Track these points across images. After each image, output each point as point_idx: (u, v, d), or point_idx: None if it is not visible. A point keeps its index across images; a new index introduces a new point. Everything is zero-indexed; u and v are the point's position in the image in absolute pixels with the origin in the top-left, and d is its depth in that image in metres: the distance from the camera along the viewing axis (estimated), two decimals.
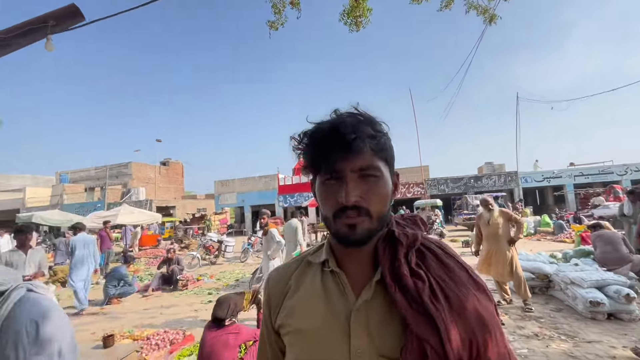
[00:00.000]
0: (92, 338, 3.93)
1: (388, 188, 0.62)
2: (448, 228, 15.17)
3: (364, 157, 0.58)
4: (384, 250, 0.63)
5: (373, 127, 0.61)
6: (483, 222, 4.59)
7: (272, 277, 0.75)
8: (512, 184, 20.10)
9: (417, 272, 0.59)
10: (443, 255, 0.64)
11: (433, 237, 0.71)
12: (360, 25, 3.83)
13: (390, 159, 0.64)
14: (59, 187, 26.10)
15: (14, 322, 1.49)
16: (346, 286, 0.63)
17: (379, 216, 0.59)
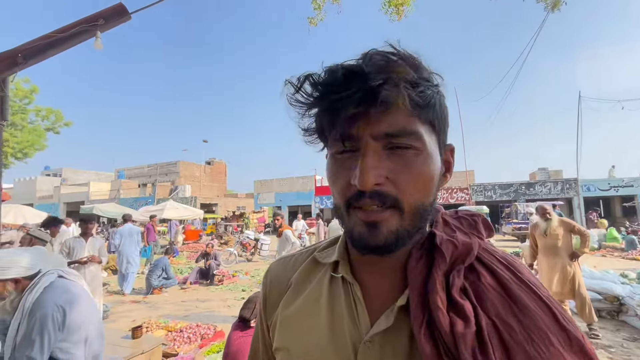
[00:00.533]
0: (131, 325, 4.12)
1: (434, 168, 0.40)
2: (495, 237, 14.06)
3: (395, 115, 0.38)
4: (416, 263, 0.42)
5: (415, 71, 0.39)
6: (539, 232, 4.08)
7: (272, 270, 0.58)
8: (570, 192, 18.17)
9: (459, 305, 0.37)
10: (512, 282, 0.40)
11: (500, 251, 0.46)
12: (402, 14, 3.60)
13: (441, 123, 0.42)
14: (117, 183, 28.58)
15: (42, 306, 1.51)
16: (360, 304, 0.44)
17: (415, 210, 0.39)
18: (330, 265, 0.50)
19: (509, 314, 0.37)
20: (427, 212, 0.41)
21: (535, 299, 0.39)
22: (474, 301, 0.38)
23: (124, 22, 3.08)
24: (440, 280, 0.39)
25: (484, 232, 0.48)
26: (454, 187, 20.38)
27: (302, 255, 0.57)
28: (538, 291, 0.40)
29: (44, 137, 23.54)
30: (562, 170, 22.77)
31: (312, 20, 4.41)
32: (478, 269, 0.41)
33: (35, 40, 2.69)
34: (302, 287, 0.51)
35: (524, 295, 0.38)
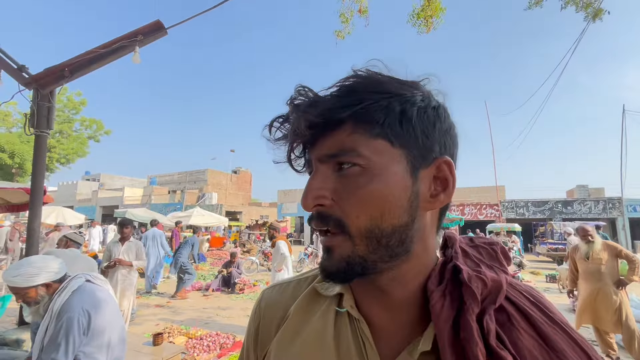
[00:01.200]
0: (155, 329, 4.20)
1: (385, 186, 0.36)
2: (528, 258, 13.24)
3: (337, 135, 0.37)
4: (441, 301, 0.36)
5: (369, 88, 0.37)
6: (580, 256, 3.76)
7: (265, 297, 0.52)
8: (614, 212, 16.85)
9: (499, 357, 0.32)
10: (546, 325, 0.35)
11: (522, 283, 0.41)
12: (431, 26, 3.54)
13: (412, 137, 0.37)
14: (149, 189, 29.95)
15: (69, 309, 1.55)
16: (369, 344, 0.39)
17: (366, 234, 0.35)
18: (334, 298, 0.45)
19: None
20: (389, 236, 0.36)
21: (572, 344, 0.35)
22: (512, 351, 0.33)
23: (161, 37, 3.25)
24: (476, 326, 0.34)
25: (504, 262, 0.43)
26: (484, 202, 19.54)
27: (301, 282, 0.51)
28: (573, 334, 0.36)
29: (86, 145, 25.31)
30: (603, 188, 21.23)
31: (339, 33, 4.45)
32: (507, 309, 0.36)
33: (81, 55, 2.89)
34: (302, 323, 0.45)
35: (560, 339, 0.34)
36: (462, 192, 29.64)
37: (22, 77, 2.76)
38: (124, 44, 3.06)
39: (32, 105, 2.79)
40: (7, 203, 5.81)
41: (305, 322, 0.45)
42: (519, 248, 12.29)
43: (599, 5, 4.31)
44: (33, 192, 2.72)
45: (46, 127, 2.80)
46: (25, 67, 2.79)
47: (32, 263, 1.63)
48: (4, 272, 1.65)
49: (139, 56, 3.19)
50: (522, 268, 10.24)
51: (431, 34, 3.95)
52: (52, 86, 2.89)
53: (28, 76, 2.77)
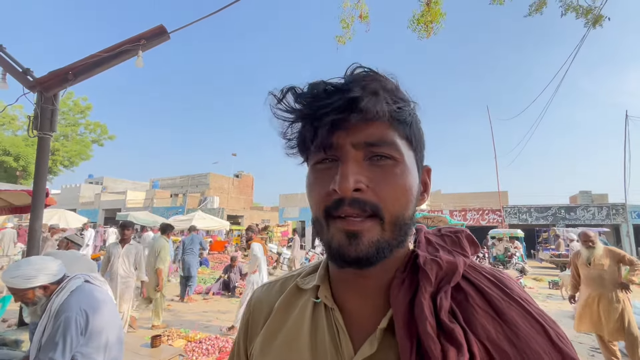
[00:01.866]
0: (152, 332, 4.19)
1: (412, 180, 0.40)
2: (530, 264, 13.14)
3: (375, 126, 0.38)
4: (399, 285, 0.40)
5: (391, 89, 0.40)
6: (582, 261, 3.73)
7: (255, 295, 0.57)
8: (617, 219, 16.72)
9: (449, 330, 0.34)
10: (502, 300, 0.38)
11: (488, 267, 0.44)
12: (432, 31, 3.57)
13: (418, 142, 0.43)
14: (151, 192, 30.06)
15: (67, 309, 1.55)
16: (341, 330, 0.42)
17: (395, 221, 0.38)
18: (312, 290, 0.48)
19: (502, 338, 0.35)
20: (406, 225, 0.40)
21: (527, 317, 0.37)
22: (464, 324, 0.36)
23: (163, 42, 3.30)
24: (427, 304, 0.37)
25: (468, 249, 0.45)
26: (486, 208, 19.45)
27: (287, 280, 0.55)
28: (529, 307, 0.38)
29: (90, 148, 25.50)
30: (607, 194, 21.10)
31: (340, 38, 4.49)
32: (465, 289, 0.39)
33: (84, 59, 2.93)
34: (285, 315, 0.49)
35: (515, 314, 0.37)
36: (464, 198, 29.53)
37: (26, 80, 2.80)
38: (128, 48, 3.10)
39: (36, 108, 2.83)
40: (10, 205, 5.85)
41: (287, 316, 0.48)
42: (522, 254, 12.21)
43: (599, 12, 4.33)
44: (35, 193, 2.75)
45: (49, 130, 2.83)
46: (30, 70, 2.83)
47: (31, 264, 1.64)
48: (3, 272, 1.66)
49: (142, 60, 3.23)
50: (525, 274, 10.17)
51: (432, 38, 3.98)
52: (56, 89, 2.93)
53: (32, 79, 2.82)
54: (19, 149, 22.01)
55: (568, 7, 4.41)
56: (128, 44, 3.09)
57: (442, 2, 3.43)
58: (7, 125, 23.13)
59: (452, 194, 30.84)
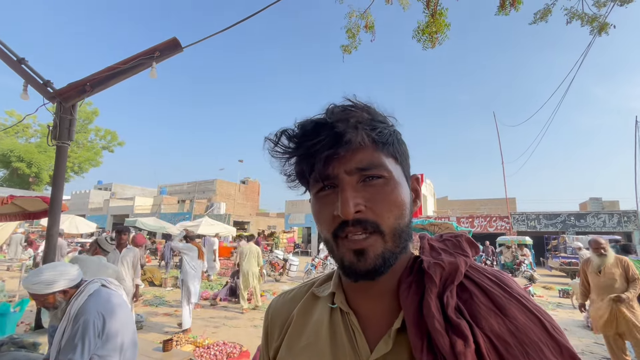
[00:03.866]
0: (162, 337, 4.25)
1: (403, 193, 0.46)
2: (540, 272, 12.93)
3: (362, 153, 0.44)
4: (408, 288, 0.45)
5: (372, 116, 0.46)
6: (592, 269, 3.67)
7: (273, 305, 0.62)
8: (629, 226, 16.40)
9: (456, 325, 0.39)
10: (503, 297, 0.42)
11: (489, 268, 0.48)
12: (437, 41, 3.63)
13: (402, 156, 0.49)
14: (158, 198, 30.41)
15: (84, 313, 1.62)
16: (357, 332, 0.47)
17: (394, 232, 0.44)
18: (328, 297, 0.53)
19: (504, 329, 0.39)
20: (405, 233, 0.46)
21: (525, 311, 0.41)
22: (469, 319, 0.40)
23: (177, 54, 3.41)
24: (434, 303, 0.41)
25: (468, 250, 0.49)
26: (494, 215, 19.25)
27: (301, 289, 0.60)
28: (527, 303, 0.42)
29: (100, 155, 25.99)
30: (618, 201, 20.75)
31: (346, 48, 4.58)
32: (470, 288, 0.43)
33: (101, 71, 3.06)
34: (304, 322, 0.54)
35: (515, 308, 0.41)
36: (471, 204, 29.25)
37: (47, 91, 2.93)
38: (142, 61, 3.22)
39: (55, 118, 2.94)
40: (24, 211, 6.00)
41: (307, 321, 0.54)
42: (530, 262, 12.03)
43: (604, 20, 4.35)
44: (53, 200, 2.85)
45: (67, 139, 2.95)
46: (50, 82, 2.96)
47: (51, 270, 1.71)
48: (25, 278, 1.73)
49: (155, 72, 3.35)
50: (534, 282, 10.01)
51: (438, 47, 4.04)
52: (74, 100, 3.05)
53: (52, 91, 2.94)
54: (32, 155, 22.55)
55: (573, 15, 4.44)
56: (143, 57, 3.21)
57: (446, 13, 3.50)
58: (21, 133, 23.72)
59: (459, 201, 30.58)
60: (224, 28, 3.32)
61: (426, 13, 3.52)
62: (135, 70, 3.30)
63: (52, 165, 3.56)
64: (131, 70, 3.30)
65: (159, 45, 3.32)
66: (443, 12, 3.50)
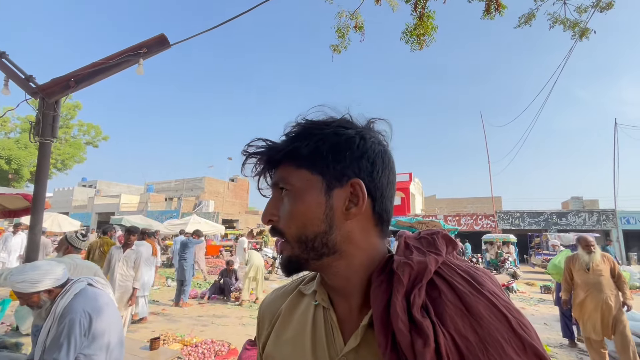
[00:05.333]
0: (150, 336, 4.20)
1: (303, 204, 0.49)
2: (523, 269, 13.29)
3: (281, 169, 0.52)
4: (377, 288, 0.46)
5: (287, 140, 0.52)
6: (579, 266, 3.70)
7: (265, 299, 0.67)
8: (608, 224, 17.03)
9: (418, 323, 0.40)
10: (471, 295, 0.42)
11: (465, 263, 0.49)
12: (424, 44, 3.69)
13: (324, 165, 0.49)
14: (145, 196, 29.84)
15: (70, 312, 1.60)
16: (335, 327, 0.51)
17: (297, 239, 0.49)
18: (312, 294, 0.57)
19: (467, 327, 0.40)
20: (312, 241, 0.48)
21: (492, 308, 0.41)
22: (434, 318, 0.41)
23: (164, 51, 3.37)
24: (400, 302, 0.42)
25: (442, 248, 0.50)
26: (480, 213, 19.66)
27: (291, 285, 0.65)
28: (496, 301, 0.42)
29: (84, 151, 25.29)
30: (597, 200, 21.50)
31: (335, 47, 4.60)
32: (439, 286, 0.44)
33: (86, 67, 2.99)
34: (290, 316, 0.58)
35: (481, 306, 0.41)
36: (458, 203, 29.76)
37: (29, 87, 2.85)
38: (129, 57, 3.17)
39: (38, 114, 2.87)
40: (4, 209, 5.82)
41: (293, 316, 0.58)
42: (514, 259, 12.37)
43: (585, 25, 4.50)
44: (35, 198, 2.79)
45: (51, 135, 2.88)
46: (32, 77, 2.88)
47: (36, 269, 1.68)
48: (10, 276, 1.70)
49: (142, 68, 3.30)
50: (517, 278, 10.30)
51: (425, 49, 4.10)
52: (57, 96, 2.98)
53: (35, 86, 2.87)
54: (11, 152, 21.77)
55: (555, 20, 4.57)
56: (129, 53, 3.15)
57: (434, 16, 3.57)
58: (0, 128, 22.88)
59: (446, 199, 31.08)
60: (212, 26, 3.29)
61: (414, 15, 3.58)
62: (122, 67, 3.24)
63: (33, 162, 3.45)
64: (117, 67, 3.24)
65: (146, 42, 3.27)
66: (431, 15, 3.57)
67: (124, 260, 4.08)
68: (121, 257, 4.07)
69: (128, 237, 4.22)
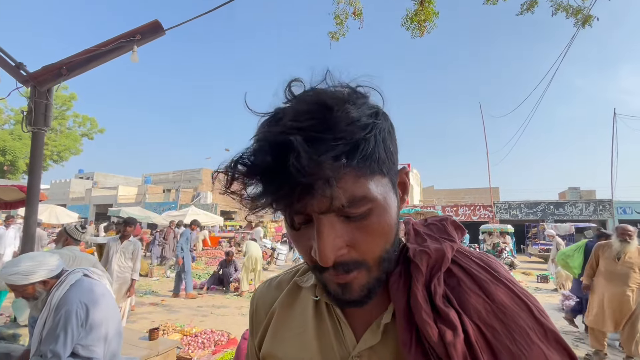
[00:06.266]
0: (149, 327, 4.22)
1: (392, 214, 0.39)
2: (520, 258, 13.43)
3: (340, 191, 0.33)
4: (398, 280, 0.42)
5: (348, 128, 0.33)
6: (609, 255, 3.56)
7: (258, 292, 0.61)
8: (604, 214, 17.16)
9: (444, 314, 0.38)
10: (490, 282, 0.41)
11: (476, 252, 0.47)
12: (425, 30, 3.62)
13: (389, 161, 0.39)
14: (143, 187, 29.75)
15: (67, 303, 1.58)
16: (343, 323, 0.46)
17: (380, 261, 0.40)
18: (311, 288, 0.52)
19: (491, 316, 0.38)
20: (390, 253, 0.41)
21: (512, 296, 0.40)
22: (458, 307, 0.39)
23: (159, 37, 3.28)
24: (421, 293, 0.40)
25: (454, 234, 0.47)
26: (477, 204, 19.75)
27: (286, 276, 0.59)
28: (514, 288, 0.41)
29: (79, 142, 25.06)
30: (594, 191, 21.64)
31: (334, 35, 4.51)
32: (457, 274, 0.42)
33: (79, 53, 2.91)
34: (288, 312, 0.52)
35: (502, 293, 0.40)
36: (456, 194, 29.88)
37: (20, 74, 2.77)
38: (123, 43, 3.08)
39: (30, 103, 2.80)
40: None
41: (291, 312, 0.52)
42: (511, 249, 12.47)
43: (588, 12, 4.42)
44: (30, 189, 2.74)
45: (43, 125, 2.82)
46: (23, 64, 2.80)
47: (29, 260, 1.65)
48: (2, 269, 1.67)
49: (136, 55, 3.22)
50: (514, 268, 10.41)
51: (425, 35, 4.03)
52: (49, 84, 2.91)
53: (26, 74, 2.79)
54: (6, 143, 21.51)
55: (558, 6, 4.49)
56: (123, 39, 3.06)
57: (435, 1, 3.48)
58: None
59: (444, 190, 31.20)
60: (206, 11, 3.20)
61: (415, 1, 3.50)
62: (115, 54, 3.16)
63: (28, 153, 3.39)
64: (111, 54, 3.16)
65: (140, 28, 3.18)
66: (432, 0, 3.48)
67: (122, 252, 4.07)
68: (118, 248, 4.06)
69: (125, 228, 4.21)
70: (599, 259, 3.68)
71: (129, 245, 4.15)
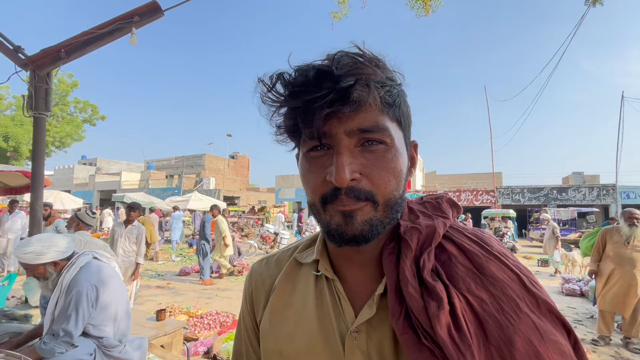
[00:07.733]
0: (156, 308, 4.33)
1: (402, 162, 0.42)
2: (521, 243, 13.51)
3: (367, 112, 0.39)
4: (390, 254, 0.43)
5: (381, 71, 0.41)
6: (618, 239, 3.54)
7: (255, 270, 0.60)
8: (607, 199, 17.09)
9: (430, 287, 0.38)
10: (481, 256, 0.41)
11: (470, 228, 0.47)
12: (430, 8, 3.51)
13: (406, 121, 0.44)
14: (146, 173, 29.89)
15: (78, 284, 1.62)
16: (343, 298, 0.46)
17: (388, 202, 0.41)
18: (312, 264, 0.52)
19: (480, 287, 0.39)
20: (398, 204, 0.43)
21: (503, 268, 0.41)
22: (446, 281, 0.39)
23: (158, 19, 3.21)
24: (409, 268, 0.41)
25: (449, 211, 0.48)
26: (480, 189, 19.72)
27: (284, 254, 0.58)
28: (507, 261, 0.42)
29: (81, 128, 25.03)
30: (599, 175, 21.49)
31: (335, 14, 4.39)
32: (449, 249, 0.43)
33: (77, 36, 2.86)
34: (289, 288, 0.52)
35: (493, 266, 0.40)
36: (459, 179, 29.82)
37: (18, 58, 2.74)
38: (121, 25, 3.02)
39: (30, 87, 2.78)
40: (5, 186, 5.82)
41: (292, 289, 0.52)
42: (513, 233, 12.53)
43: None
44: (34, 173, 2.75)
45: (44, 109, 2.80)
46: (21, 48, 2.77)
47: (41, 241, 1.69)
48: (16, 247, 1.71)
49: (135, 38, 3.16)
50: (515, 252, 10.49)
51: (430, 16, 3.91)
52: (48, 67, 2.87)
53: (24, 57, 2.75)
54: (8, 129, 21.52)
55: None
56: (121, 21, 3.00)
57: None
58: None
59: (447, 175, 31.10)
60: None
61: None
62: (114, 36, 3.10)
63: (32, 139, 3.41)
64: (109, 36, 3.10)
65: (138, 9, 3.10)
66: None
67: (126, 236, 4.15)
68: (123, 233, 4.13)
69: (129, 213, 4.27)
70: (606, 244, 3.67)
71: (133, 230, 4.22)
